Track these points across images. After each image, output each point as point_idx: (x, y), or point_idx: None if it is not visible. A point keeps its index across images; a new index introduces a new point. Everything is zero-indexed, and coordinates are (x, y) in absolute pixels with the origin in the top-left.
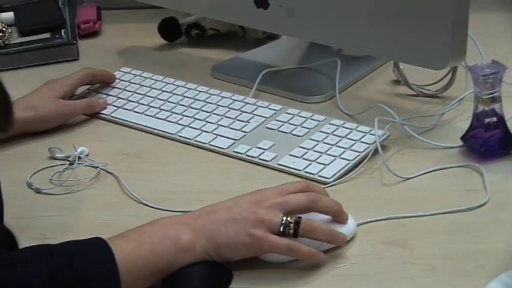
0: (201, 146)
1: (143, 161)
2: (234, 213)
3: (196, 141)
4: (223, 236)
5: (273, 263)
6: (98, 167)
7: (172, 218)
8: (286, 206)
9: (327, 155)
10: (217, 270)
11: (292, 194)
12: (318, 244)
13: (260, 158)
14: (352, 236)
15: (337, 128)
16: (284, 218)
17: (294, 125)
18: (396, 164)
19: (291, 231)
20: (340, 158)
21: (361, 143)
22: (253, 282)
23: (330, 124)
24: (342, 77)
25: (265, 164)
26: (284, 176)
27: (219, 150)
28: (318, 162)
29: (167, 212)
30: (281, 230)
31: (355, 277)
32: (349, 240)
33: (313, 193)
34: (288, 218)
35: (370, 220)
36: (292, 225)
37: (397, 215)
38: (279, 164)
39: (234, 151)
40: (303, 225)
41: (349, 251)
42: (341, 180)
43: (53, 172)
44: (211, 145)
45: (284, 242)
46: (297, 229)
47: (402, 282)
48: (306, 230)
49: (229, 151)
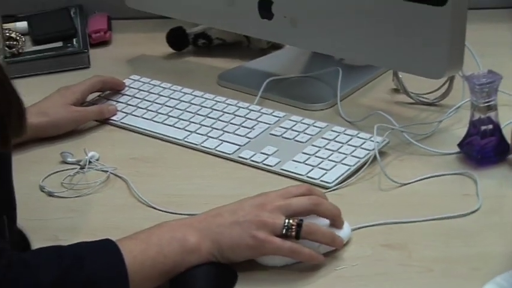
0: (207, 151)
1: (151, 165)
2: (238, 216)
3: (202, 146)
4: (227, 238)
5: (269, 266)
6: (108, 171)
7: (179, 220)
8: (288, 209)
9: (329, 160)
10: (222, 272)
11: (294, 198)
12: (316, 246)
13: (264, 163)
14: (347, 241)
15: (339, 135)
16: (286, 221)
17: (297, 131)
18: (395, 170)
19: (293, 234)
20: (341, 163)
21: (361, 149)
22: (256, 283)
23: (332, 131)
24: (343, 85)
25: (269, 169)
26: (287, 181)
27: (225, 156)
28: (320, 168)
29: (174, 215)
30: (283, 232)
31: (355, 278)
32: (344, 244)
33: (315, 196)
34: (290, 221)
35: (369, 224)
36: (294, 227)
37: (396, 219)
38: (282, 169)
39: (239, 156)
40: (304, 228)
41: (349, 253)
42: (342, 185)
43: (64, 176)
44: (217, 150)
45: (287, 244)
46: (299, 231)
47: (401, 283)
48: (307, 232)
49: (235, 156)
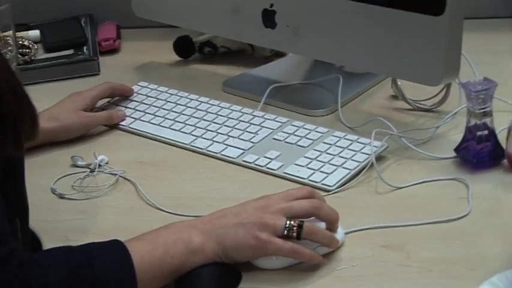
0: (212, 155)
1: (159, 169)
2: (242, 217)
3: (208, 151)
4: (231, 239)
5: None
6: (117, 174)
7: (184, 222)
8: (289, 211)
9: (330, 164)
10: (226, 272)
11: (296, 200)
12: (314, 247)
13: (267, 167)
14: (340, 244)
15: (339, 140)
16: (287, 222)
17: (299, 136)
18: (394, 174)
19: (295, 234)
20: (341, 167)
21: (361, 153)
22: (259, 283)
23: (333, 136)
24: (344, 92)
25: (272, 173)
26: (290, 184)
27: (229, 160)
28: (321, 171)
29: (180, 217)
30: (285, 233)
31: (355, 278)
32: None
33: (316, 200)
34: (291, 222)
35: (369, 225)
36: (295, 228)
37: (394, 221)
38: (285, 173)
39: (243, 160)
40: (305, 229)
41: (349, 254)
42: (342, 188)
43: (75, 179)
44: (222, 155)
45: (288, 245)
46: (300, 232)
47: (399, 283)
48: (308, 233)
49: (239, 160)
